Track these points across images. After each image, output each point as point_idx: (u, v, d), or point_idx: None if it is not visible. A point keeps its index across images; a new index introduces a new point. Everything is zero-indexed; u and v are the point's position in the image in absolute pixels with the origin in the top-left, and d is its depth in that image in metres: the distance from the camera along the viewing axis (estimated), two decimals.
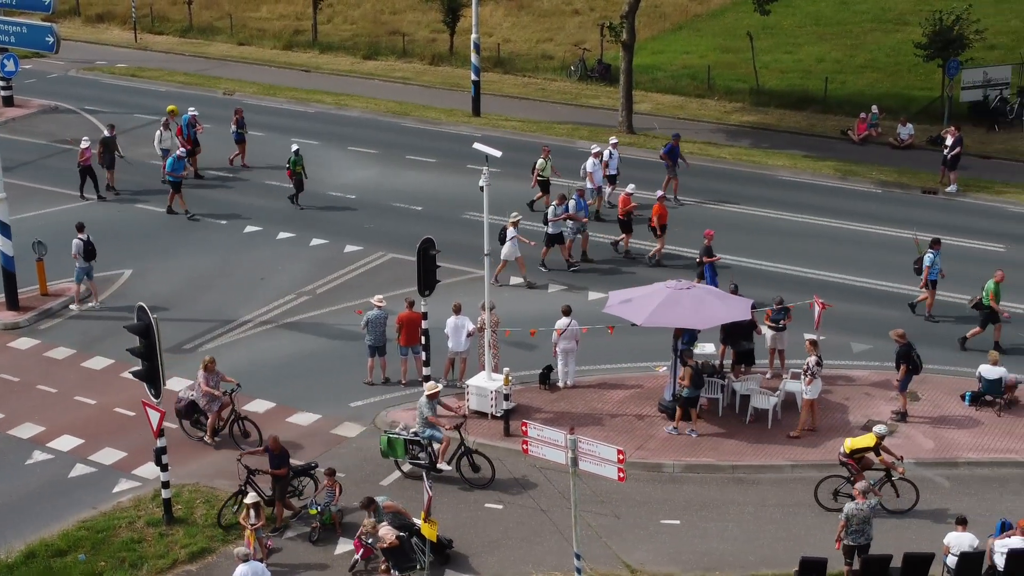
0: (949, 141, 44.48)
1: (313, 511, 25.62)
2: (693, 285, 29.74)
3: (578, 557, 22.36)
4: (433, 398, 27.69)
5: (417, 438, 27.53)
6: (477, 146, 30.12)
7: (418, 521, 23.84)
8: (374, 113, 54.19)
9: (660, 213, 37.68)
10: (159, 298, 35.56)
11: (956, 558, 23.80)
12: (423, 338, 30.15)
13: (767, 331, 31.70)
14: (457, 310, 31.19)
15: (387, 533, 23.84)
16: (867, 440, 26.41)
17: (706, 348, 31.78)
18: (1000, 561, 23.54)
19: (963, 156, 45.01)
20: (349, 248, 39.50)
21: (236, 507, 25.79)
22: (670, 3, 72.33)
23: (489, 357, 30.22)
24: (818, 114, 53.47)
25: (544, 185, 41.87)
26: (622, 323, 30.27)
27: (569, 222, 37.64)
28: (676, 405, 29.50)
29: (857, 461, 26.39)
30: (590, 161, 41.53)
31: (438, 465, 27.40)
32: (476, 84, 52.92)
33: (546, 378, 31.29)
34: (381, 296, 32.32)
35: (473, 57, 52.20)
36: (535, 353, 32.25)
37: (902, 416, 29.74)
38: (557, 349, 31.13)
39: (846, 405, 30.36)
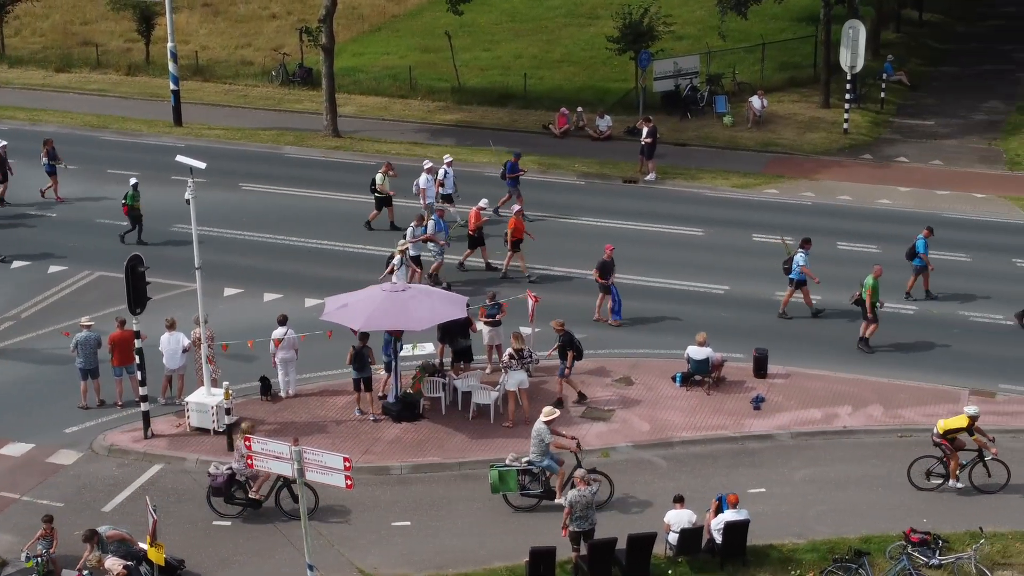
0: (645, 131, 45.98)
1: (29, 563, 24.42)
2: (408, 287, 29.96)
3: (311, 568, 22.31)
4: (550, 424, 26.72)
5: (531, 468, 26.58)
6: (180, 158, 29.60)
7: (145, 546, 23.31)
8: (71, 127, 52.45)
9: (516, 227, 37.18)
10: None
11: (677, 535, 24.77)
12: (137, 357, 29.39)
13: (483, 327, 32.18)
14: (171, 326, 30.59)
15: (114, 565, 23.21)
16: (960, 421, 27.03)
17: (425, 348, 32.08)
18: (718, 536, 24.62)
19: (659, 145, 46.64)
20: (53, 268, 38.18)
21: None
22: (367, 5, 72.43)
23: (207, 372, 29.77)
24: (519, 110, 54.46)
25: (385, 201, 40.97)
26: (342, 328, 30.24)
27: (431, 243, 36.81)
28: (396, 408, 29.79)
29: (951, 441, 27.01)
30: (423, 177, 40.14)
31: (557, 500, 26.39)
32: (176, 93, 51.86)
33: (266, 389, 31.01)
34: (90, 316, 31.43)
35: (171, 66, 51.14)
36: (255, 364, 31.88)
37: (581, 397, 30.65)
38: (276, 359, 30.88)
39: (563, 394, 31.08)
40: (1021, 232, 41.28)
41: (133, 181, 40.04)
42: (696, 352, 31.26)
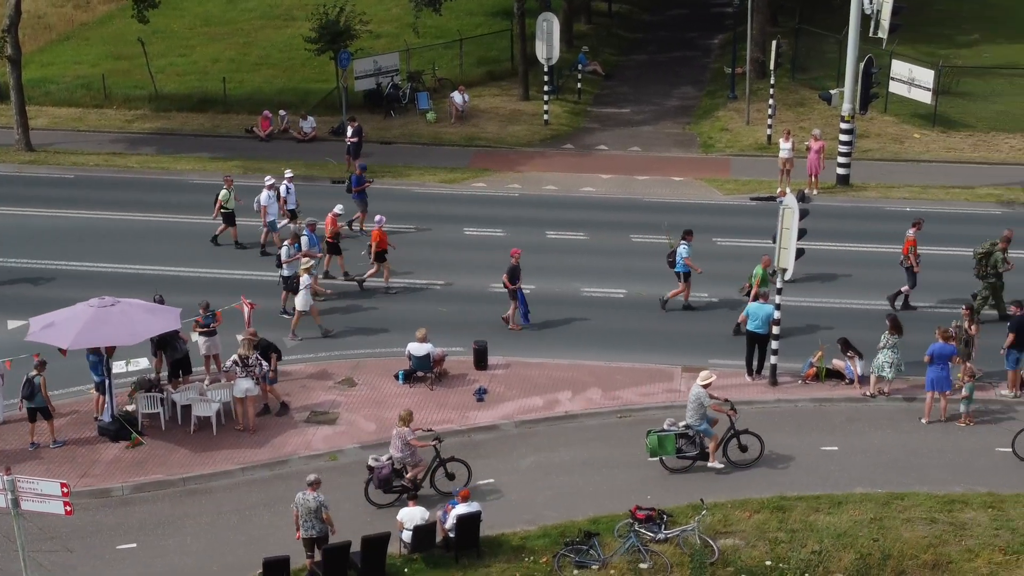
0: (349, 131, 45.86)
1: None
2: (117, 301, 29.00)
3: None
4: (707, 387, 27.38)
5: (688, 432, 27.23)
6: None
7: None
8: None
9: (380, 239, 36.15)
10: None
11: (410, 532, 24.80)
12: None
13: (198, 338, 31.49)
14: None
15: None
16: None
17: (140, 363, 31.19)
18: (452, 531, 24.77)
19: (365, 143, 46.59)
20: None
21: None
22: (54, 13, 69.91)
23: None
24: (221, 114, 53.54)
25: (229, 217, 39.32)
26: (50, 349, 29.10)
27: (306, 259, 35.04)
28: (114, 428, 28.90)
29: None
30: (264, 194, 38.80)
31: (710, 464, 27.65)
32: None
33: None
34: None
35: None
36: None
37: (283, 408, 30.43)
38: None
39: (287, 400, 30.72)
40: (718, 212, 42.91)
41: None
42: (417, 348, 31.36)
